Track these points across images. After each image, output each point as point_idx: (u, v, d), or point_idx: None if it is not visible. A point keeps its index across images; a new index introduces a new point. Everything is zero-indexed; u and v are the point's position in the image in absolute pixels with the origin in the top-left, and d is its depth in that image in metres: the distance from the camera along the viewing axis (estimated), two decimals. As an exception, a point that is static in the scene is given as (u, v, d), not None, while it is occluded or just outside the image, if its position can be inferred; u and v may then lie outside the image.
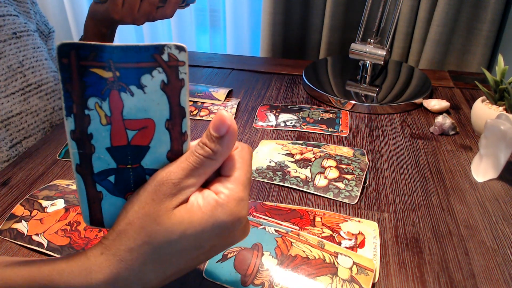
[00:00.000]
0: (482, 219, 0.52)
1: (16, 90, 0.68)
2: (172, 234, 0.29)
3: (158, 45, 0.27)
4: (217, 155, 0.29)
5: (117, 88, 0.28)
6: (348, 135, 0.70)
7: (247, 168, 0.31)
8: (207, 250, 0.31)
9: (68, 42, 0.27)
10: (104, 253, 0.30)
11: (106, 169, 0.30)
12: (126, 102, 0.28)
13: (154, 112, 0.29)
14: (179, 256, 0.30)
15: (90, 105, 0.28)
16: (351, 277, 0.41)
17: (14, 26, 0.70)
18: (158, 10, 0.71)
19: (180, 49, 0.28)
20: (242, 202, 0.30)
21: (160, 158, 0.30)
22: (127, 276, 0.29)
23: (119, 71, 0.27)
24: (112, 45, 0.27)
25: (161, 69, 0.28)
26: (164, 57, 0.28)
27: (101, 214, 0.32)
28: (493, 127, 0.56)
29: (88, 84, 0.28)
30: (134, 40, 1.58)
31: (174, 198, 0.29)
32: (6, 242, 0.47)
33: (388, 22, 1.00)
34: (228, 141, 0.29)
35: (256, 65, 0.99)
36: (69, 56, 0.27)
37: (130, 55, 0.27)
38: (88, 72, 0.27)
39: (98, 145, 0.29)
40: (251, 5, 1.30)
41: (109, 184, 0.31)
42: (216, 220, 0.29)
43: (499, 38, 1.02)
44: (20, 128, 0.68)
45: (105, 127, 0.29)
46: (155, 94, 0.28)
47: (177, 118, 0.29)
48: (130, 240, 0.29)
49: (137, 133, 0.29)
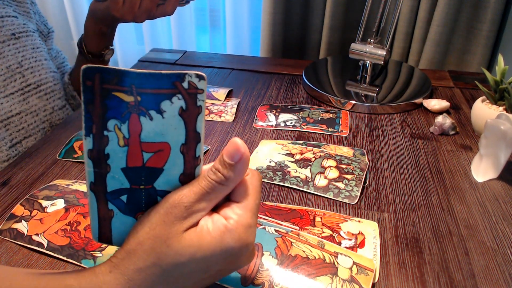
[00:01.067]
0: (482, 219, 0.52)
1: (15, 91, 0.68)
2: (181, 257, 0.29)
3: (180, 73, 0.28)
4: (229, 181, 0.30)
5: (137, 112, 0.29)
6: (348, 135, 0.70)
7: (257, 195, 0.32)
8: (213, 274, 0.31)
9: (93, 66, 0.27)
10: (113, 271, 0.30)
11: (119, 188, 0.31)
12: (145, 125, 0.29)
13: (170, 137, 0.30)
14: (186, 278, 0.30)
15: (110, 126, 0.29)
16: (351, 277, 0.41)
17: (13, 27, 0.70)
18: (158, 7, 0.71)
19: (200, 77, 0.29)
20: (250, 228, 0.30)
21: (172, 181, 0.31)
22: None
23: (140, 96, 0.28)
24: (135, 71, 0.28)
25: (181, 96, 0.29)
26: (184, 85, 0.29)
27: (110, 232, 0.32)
28: (493, 127, 0.56)
29: (110, 107, 0.29)
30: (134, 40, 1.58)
31: (184, 221, 0.30)
32: (6, 242, 0.47)
33: (388, 22, 1.00)
34: (241, 169, 0.30)
35: (256, 65, 0.99)
36: (94, 79, 0.28)
37: (152, 81, 0.28)
38: (110, 96, 0.28)
39: (114, 165, 0.30)
40: (251, 5, 1.30)
41: (121, 203, 0.31)
42: (225, 245, 0.29)
43: (499, 38, 1.02)
44: (19, 128, 0.68)
45: (122, 148, 0.30)
46: (173, 119, 0.29)
47: (192, 143, 0.30)
48: (139, 260, 0.30)
49: (152, 155, 0.30)
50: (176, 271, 0.30)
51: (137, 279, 0.30)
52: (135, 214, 0.32)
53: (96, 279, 0.30)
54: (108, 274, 0.30)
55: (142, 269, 0.29)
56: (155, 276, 0.30)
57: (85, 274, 0.31)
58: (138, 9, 0.69)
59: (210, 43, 1.49)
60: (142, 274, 0.29)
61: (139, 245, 0.30)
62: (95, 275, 0.30)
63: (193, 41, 1.46)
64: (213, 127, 0.72)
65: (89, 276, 0.30)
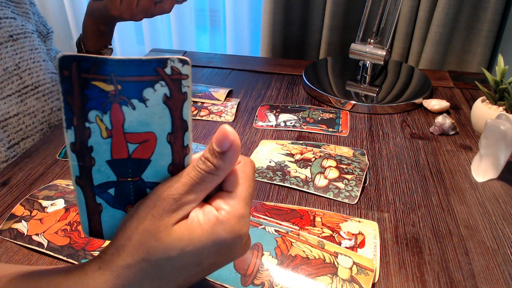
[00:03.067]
0: (482, 219, 0.52)
1: (13, 92, 0.68)
2: (171, 251, 0.28)
3: (161, 59, 0.27)
4: (219, 170, 0.29)
5: (118, 101, 0.28)
6: (348, 135, 0.70)
7: (249, 183, 0.31)
8: (206, 267, 0.30)
9: (70, 54, 0.26)
10: (102, 267, 0.29)
11: (106, 181, 0.30)
12: (128, 115, 0.28)
13: (155, 126, 0.29)
14: (177, 273, 0.30)
15: (91, 118, 0.28)
16: (351, 277, 0.41)
17: (10, 29, 0.70)
18: (156, 5, 0.71)
19: (184, 62, 0.27)
20: (243, 219, 0.29)
21: (161, 172, 0.30)
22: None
23: (120, 85, 0.27)
24: (114, 58, 0.27)
25: (164, 83, 0.28)
26: (167, 71, 0.27)
27: (100, 225, 0.32)
28: (493, 127, 0.56)
29: (89, 97, 0.27)
30: (134, 40, 1.58)
31: (174, 214, 0.29)
32: (6, 242, 0.47)
33: (388, 22, 1.00)
34: (231, 157, 0.29)
35: (256, 65, 0.99)
36: (70, 68, 0.26)
37: (132, 68, 0.27)
38: (89, 85, 0.27)
39: (98, 157, 0.29)
40: (251, 5, 1.30)
41: (109, 196, 0.30)
42: (216, 238, 0.28)
43: (499, 38, 1.02)
44: (17, 130, 0.68)
45: (106, 140, 0.28)
46: (157, 108, 0.28)
47: (179, 132, 0.29)
48: (128, 256, 0.29)
49: (138, 146, 0.29)
50: (166, 265, 0.29)
51: (126, 275, 0.29)
52: (124, 207, 0.31)
53: (85, 276, 0.29)
54: (97, 271, 0.29)
55: (131, 265, 0.29)
56: (144, 271, 0.29)
57: (74, 271, 0.30)
58: (135, 7, 0.69)
59: (210, 43, 1.49)
60: (131, 270, 0.29)
61: (127, 240, 0.29)
62: (84, 272, 0.30)
63: (193, 41, 1.46)
64: (213, 127, 0.72)
65: (78, 274, 0.30)
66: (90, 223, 0.31)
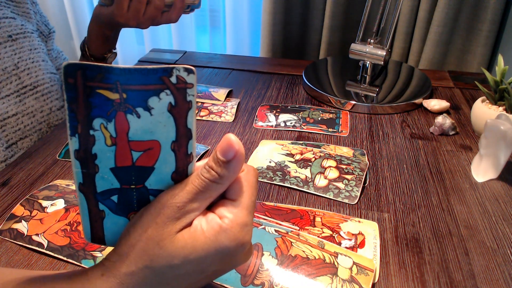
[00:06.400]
0: (482, 219, 0.52)
1: (11, 92, 0.68)
2: (174, 258, 0.28)
3: (167, 68, 0.27)
4: (223, 179, 0.29)
5: (123, 110, 0.28)
6: (348, 135, 0.70)
7: (253, 192, 0.31)
8: (209, 274, 0.31)
9: (75, 63, 0.26)
10: (105, 274, 0.29)
11: (109, 188, 0.30)
12: (132, 123, 0.28)
13: (160, 134, 0.29)
14: (180, 280, 0.30)
15: (96, 126, 0.28)
16: (351, 277, 0.41)
17: (10, 29, 0.70)
18: (163, 14, 0.71)
19: (189, 71, 0.27)
20: (246, 227, 0.29)
21: (164, 179, 0.30)
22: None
23: (126, 93, 0.27)
24: (119, 67, 0.27)
25: (169, 91, 0.28)
26: (172, 80, 0.27)
27: (102, 232, 0.32)
28: (493, 127, 0.56)
29: (94, 105, 0.27)
30: (134, 40, 1.58)
31: (177, 222, 0.29)
32: (6, 242, 0.47)
33: (388, 22, 1.00)
34: (235, 166, 0.29)
35: (256, 65, 0.99)
36: (76, 76, 0.26)
37: (137, 77, 0.27)
38: (94, 93, 0.27)
39: (102, 165, 0.29)
40: (251, 5, 1.30)
41: (112, 203, 0.31)
42: (220, 246, 0.28)
43: (499, 38, 1.02)
44: (16, 129, 0.68)
45: (110, 148, 0.29)
46: (161, 116, 0.28)
47: (183, 140, 0.29)
48: (131, 263, 0.29)
49: (142, 154, 0.29)
50: (169, 273, 0.29)
51: (129, 282, 0.29)
52: (127, 214, 0.31)
53: (88, 282, 0.29)
54: (100, 277, 0.29)
55: (134, 272, 0.29)
56: (147, 279, 0.29)
57: (77, 278, 0.30)
58: (142, 15, 0.69)
59: (210, 43, 1.49)
60: (134, 277, 0.29)
61: (131, 247, 0.29)
62: (87, 278, 0.30)
63: (193, 41, 1.46)
64: (213, 128, 0.72)
65: (81, 280, 0.30)
66: (93, 230, 0.32)
